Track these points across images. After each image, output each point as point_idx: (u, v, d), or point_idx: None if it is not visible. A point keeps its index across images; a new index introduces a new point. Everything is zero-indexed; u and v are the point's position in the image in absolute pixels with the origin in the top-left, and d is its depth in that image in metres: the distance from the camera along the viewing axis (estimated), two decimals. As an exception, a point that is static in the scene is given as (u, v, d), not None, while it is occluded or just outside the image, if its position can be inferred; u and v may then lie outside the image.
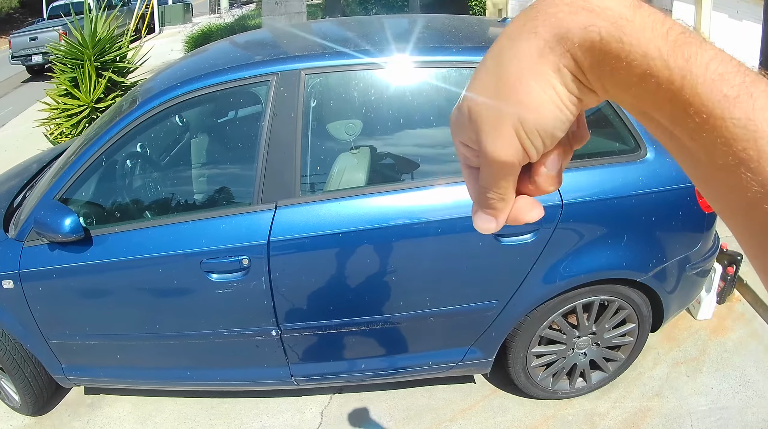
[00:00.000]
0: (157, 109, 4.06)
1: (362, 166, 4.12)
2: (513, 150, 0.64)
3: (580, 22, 0.58)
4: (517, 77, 0.61)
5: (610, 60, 0.58)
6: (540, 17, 0.61)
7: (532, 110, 0.61)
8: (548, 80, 0.61)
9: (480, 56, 3.10)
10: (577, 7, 0.59)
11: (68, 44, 9.49)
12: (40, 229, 3.97)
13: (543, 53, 0.60)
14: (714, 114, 0.55)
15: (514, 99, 0.62)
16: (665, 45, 0.57)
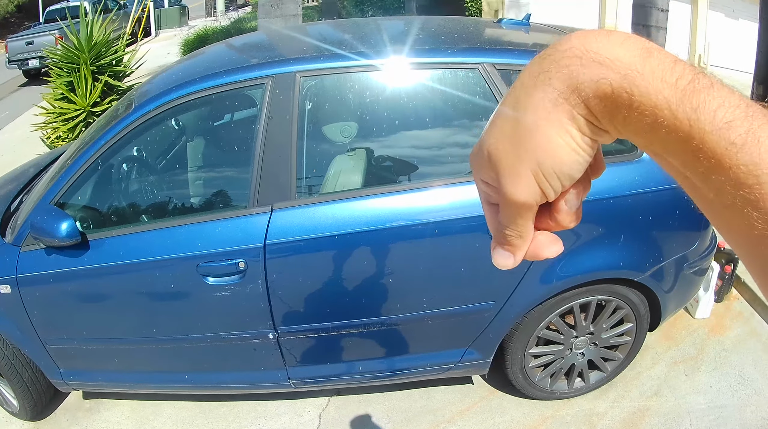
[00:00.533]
0: (153, 112, 4.06)
1: (358, 168, 4.12)
2: (531, 191, 0.67)
3: (591, 75, 0.61)
4: (534, 124, 0.64)
5: (621, 109, 0.60)
6: (553, 69, 0.63)
7: (550, 155, 0.65)
8: (563, 126, 0.63)
9: (475, 57, 3.13)
10: (588, 60, 0.61)
11: (64, 48, 9.49)
12: (36, 234, 3.97)
13: (557, 102, 0.62)
14: (722, 161, 0.57)
15: (531, 144, 0.65)
16: (674, 95, 0.58)
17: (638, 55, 0.60)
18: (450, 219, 3.87)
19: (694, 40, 20.24)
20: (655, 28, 8.90)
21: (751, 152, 0.56)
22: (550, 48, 0.66)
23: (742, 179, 0.57)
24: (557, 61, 0.63)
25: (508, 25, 4.82)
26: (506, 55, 4.01)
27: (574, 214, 0.74)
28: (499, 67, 3.91)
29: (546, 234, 0.75)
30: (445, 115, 4.19)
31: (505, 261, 0.76)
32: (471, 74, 3.96)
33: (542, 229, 0.75)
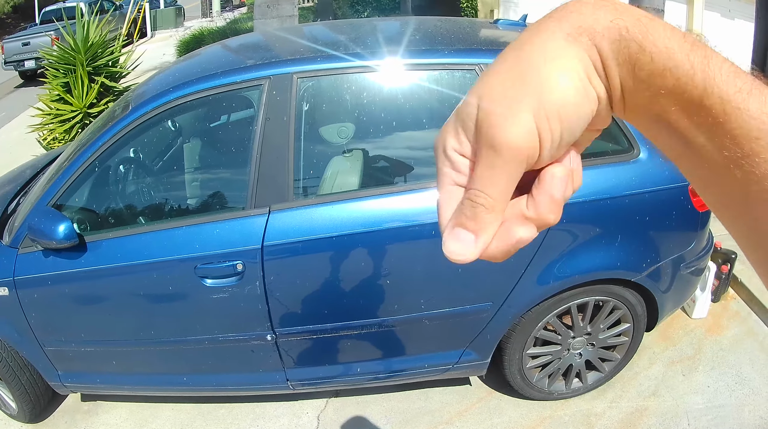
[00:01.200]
0: (149, 113, 4.05)
1: (355, 169, 4.12)
2: (527, 133, 0.59)
3: (605, 16, 0.59)
4: (539, 61, 0.59)
5: (633, 52, 0.58)
6: (563, 12, 0.61)
7: (556, 92, 0.59)
8: (573, 67, 0.59)
9: (472, 58, 3.12)
10: (600, 4, 0.59)
11: (61, 49, 9.48)
12: (34, 236, 3.97)
13: (568, 41, 0.59)
14: (730, 104, 0.57)
15: (535, 81, 0.59)
16: (685, 43, 0.58)
17: (644, 13, 0.59)
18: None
19: (690, 40, 20.20)
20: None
21: (757, 101, 0.56)
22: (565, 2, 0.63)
23: (748, 127, 0.57)
24: (567, 7, 0.61)
25: (504, 26, 4.81)
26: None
27: (559, 203, 0.64)
28: (496, 68, 3.91)
29: (514, 216, 0.65)
30: (442, 116, 4.17)
31: (464, 247, 0.64)
32: (468, 75, 3.96)
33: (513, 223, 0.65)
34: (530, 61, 0.60)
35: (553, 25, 0.60)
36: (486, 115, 0.60)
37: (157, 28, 29.74)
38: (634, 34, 0.58)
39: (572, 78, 0.59)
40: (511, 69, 0.61)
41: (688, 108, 0.59)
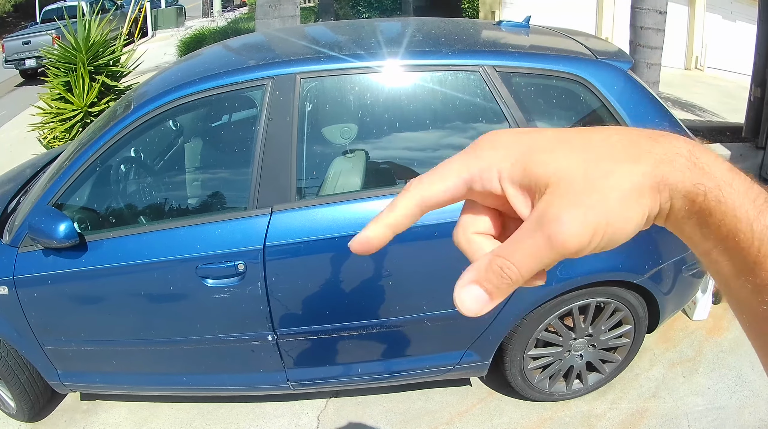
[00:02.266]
0: (151, 113, 4.04)
1: (358, 169, 4.12)
2: (585, 243, 0.60)
3: (692, 178, 0.60)
4: (624, 186, 0.60)
5: (704, 214, 0.61)
6: (659, 153, 0.61)
7: (621, 220, 0.60)
8: (645, 209, 0.61)
9: (476, 59, 3.11)
10: (692, 163, 0.60)
11: (62, 48, 9.45)
12: (34, 235, 3.96)
13: (652, 189, 0.60)
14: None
15: (612, 200, 0.60)
16: (752, 210, 0.59)
17: (728, 170, 0.61)
18: (449, 221, 3.83)
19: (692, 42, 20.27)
20: (653, 30, 8.88)
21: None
22: (659, 133, 0.64)
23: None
24: (665, 147, 0.61)
25: (508, 28, 4.80)
26: (507, 58, 4.01)
27: (544, 273, 0.66)
28: (500, 69, 3.91)
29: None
30: (445, 117, 4.18)
31: (477, 305, 0.65)
32: (472, 76, 3.96)
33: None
34: (616, 181, 0.60)
35: (644, 162, 0.61)
36: (553, 209, 0.60)
37: (158, 28, 29.76)
38: (709, 200, 0.60)
39: (638, 217, 0.61)
40: (589, 175, 0.61)
41: (740, 265, 0.62)
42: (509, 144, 0.65)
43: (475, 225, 0.69)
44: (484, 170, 0.65)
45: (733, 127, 9.67)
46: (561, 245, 0.59)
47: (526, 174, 0.62)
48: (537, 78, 4.02)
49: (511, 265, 0.61)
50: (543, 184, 0.61)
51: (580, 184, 0.60)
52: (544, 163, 0.62)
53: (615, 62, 4.13)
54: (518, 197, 0.64)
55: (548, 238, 0.59)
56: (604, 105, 3.97)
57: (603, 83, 3.98)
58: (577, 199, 0.59)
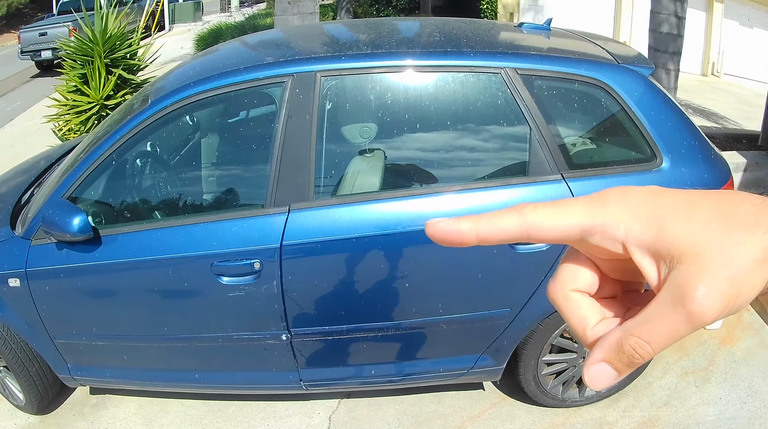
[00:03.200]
0: (169, 108, 4.03)
1: (376, 170, 4.10)
2: (720, 314, 0.57)
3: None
4: (756, 259, 0.57)
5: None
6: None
7: (750, 289, 0.57)
8: (766, 276, 0.57)
9: (498, 61, 3.09)
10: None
11: (78, 40, 9.47)
12: (48, 228, 3.94)
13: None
14: None
15: (746, 272, 0.57)
16: None
17: None
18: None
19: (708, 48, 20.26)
20: (672, 36, 8.87)
21: None
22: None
23: None
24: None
25: (528, 30, 4.78)
26: (529, 60, 3.98)
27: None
28: (522, 71, 3.89)
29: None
30: (466, 119, 4.15)
31: (606, 381, 0.63)
32: (493, 78, 3.93)
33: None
34: (746, 256, 0.57)
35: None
36: (693, 283, 0.57)
37: (175, 22, 29.87)
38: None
39: (763, 285, 0.58)
40: (725, 245, 0.58)
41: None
42: (640, 203, 0.63)
43: (574, 281, 0.66)
44: (608, 225, 0.62)
45: (750, 134, 9.63)
46: (699, 320, 0.57)
47: (659, 239, 0.60)
48: (558, 81, 3.99)
49: (645, 344, 0.59)
50: (678, 252, 0.59)
51: (718, 256, 0.57)
52: (680, 229, 0.59)
53: (636, 67, 4.10)
54: (647, 262, 0.61)
55: (688, 315, 0.57)
56: (624, 110, 3.94)
57: (624, 88, 3.95)
58: (716, 271, 0.57)
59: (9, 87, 20.36)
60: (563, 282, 0.66)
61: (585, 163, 4.00)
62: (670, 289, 0.58)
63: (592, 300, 0.66)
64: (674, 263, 0.58)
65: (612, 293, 0.68)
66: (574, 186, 3.82)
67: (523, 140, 3.93)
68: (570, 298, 0.65)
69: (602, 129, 4.15)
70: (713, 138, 4.35)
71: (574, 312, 0.65)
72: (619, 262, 0.63)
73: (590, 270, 0.66)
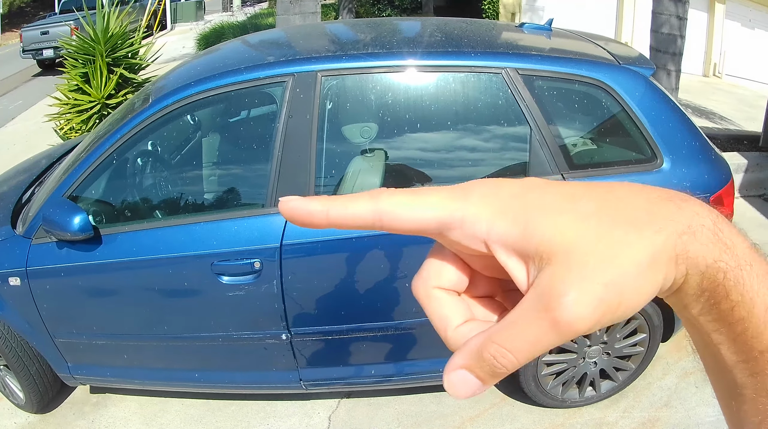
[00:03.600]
0: (170, 107, 4.03)
1: (377, 169, 4.10)
2: (593, 323, 0.51)
3: (714, 254, 0.53)
4: (641, 262, 0.51)
5: (719, 295, 0.54)
6: (682, 221, 0.53)
7: (634, 295, 0.52)
8: (658, 283, 0.52)
9: (499, 61, 3.08)
10: (716, 236, 0.53)
11: (80, 39, 9.47)
12: (48, 227, 3.95)
13: (670, 261, 0.52)
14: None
15: (623, 267, 0.51)
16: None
17: (749, 248, 0.55)
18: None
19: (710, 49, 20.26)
20: (674, 37, 8.87)
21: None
22: (681, 196, 0.56)
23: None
24: (690, 215, 0.53)
25: (530, 30, 4.78)
26: (530, 61, 3.98)
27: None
28: (523, 72, 3.89)
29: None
30: (466, 119, 4.16)
31: (468, 389, 0.57)
32: (494, 78, 3.93)
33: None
34: (629, 258, 0.51)
35: (665, 231, 0.52)
36: (559, 286, 0.51)
37: (177, 21, 29.87)
38: (728, 280, 0.53)
39: (652, 292, 0.53)
40: (603, 245, 0.52)
41: (742, 351, 0.57)
42: (507, 198, 0.57)
43: (438, 278, 0.61)
44: (468, 220, 0.56)
45: (751, 135, 9.64)
46: (568, 329, 0.51)
47: (526, 237, 0.54)
48: (559, 82, 4.00)
49: (507, 352, 0.54)
50: (546, 252, 0.53)
51: (593, 256, 0.52)
52: (549, 226, 0.54)
53: (637, 68, 4.11)
54: (513, 262, 0.55)
55: (554, 322, 0.51)
56: (624, 111, 3.94)
57: (625, 89, 3.95)
58: (590, 274, 0.51)
59: (11, 86, 20.36)
60: (426, 278, 0.61)
61: (585, 163, 4.00)
62: (534, 292, 0.53)
63: (458, 299, 0.61)
64: (543, 264, 0.53)
65: (488, 292, 0.63)
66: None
67: (524, 140, 3.94)
68: (432, 296, 0.60)
69: (603, 129, 4.15)
70: (714, 139, 4.35)
71: (435, 310, 0.60)
72: (491, 259, 0.57)
73: (455, 267, 0.61)
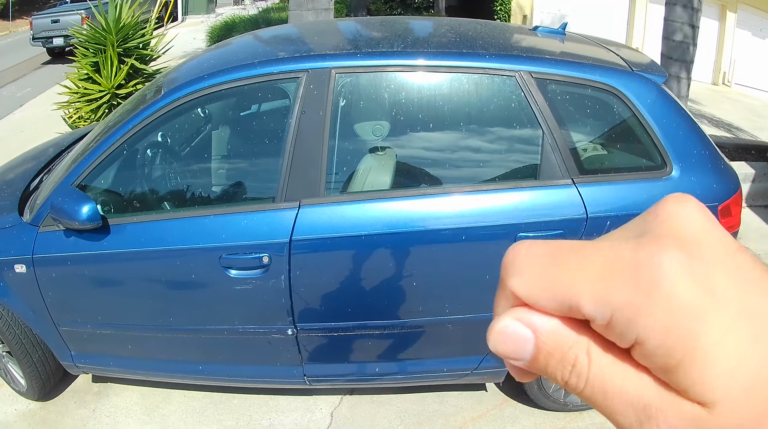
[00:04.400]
0: (183, 99, 4.04)
1: (388, 168, 4.10)
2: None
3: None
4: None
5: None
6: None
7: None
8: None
9: (513, 64, 3.09)
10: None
11: (92, 29, 9.46)
12: (56, 215, 3.95)
13: None
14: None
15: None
16: None
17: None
18: (478, 225, 3.86)
19: (720, 57, 20.23)
20: (685, 44, 8.85)
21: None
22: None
23: None
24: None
25: (543, 33, 4.77)
26: (544, 64, 3.98)
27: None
28: (536, 75, 3.89)
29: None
30: (479, 120, 4.16)
31: (510, 349, 0.49)
32: (508, 81, 3.93)
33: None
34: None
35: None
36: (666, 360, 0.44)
37: (188, 13, 29.83)
38: None
39: None
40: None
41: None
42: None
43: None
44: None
45: (759, 145, 9.64)
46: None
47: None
48: (572, 86, 3.99)
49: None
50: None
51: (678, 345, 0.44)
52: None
53: (649, 75, 4.10)
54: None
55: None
56: (636, 117, 3.93)
57: (637, 95, 3.94)
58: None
59: (20, 73, 20.35)
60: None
61: (596, 168, 4.00)
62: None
63: None
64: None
65: None
66: (584, 191, 3.82)
67: (536, 143, 3.93)
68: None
69: (614, 135, 4.15)
70: (722, 148, 4.35)
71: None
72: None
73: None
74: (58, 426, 4.83)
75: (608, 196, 3.90)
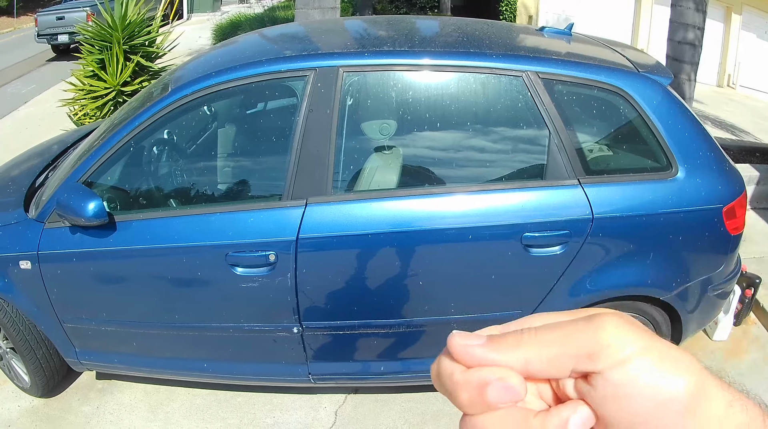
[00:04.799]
0: (190, 97, 4.04)
1: (395, 167, 4.11)
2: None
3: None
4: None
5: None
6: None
7: None
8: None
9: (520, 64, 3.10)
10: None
11: (97, 25, 9.47)
12: (62, 212, 3.95)
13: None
14: None
15: None
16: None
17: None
18: (484, 225, 3.87)
19: (725, 60, 20.21)
20: (691, 46, 8.84)
21: None
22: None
23: None
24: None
25: (550, 34, 4.78)
26: (551, 65, 3.98)
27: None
28: (543, 76, 3.89)
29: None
30: (486, 120, 4.17)
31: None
32: (515, 81, 3.94)
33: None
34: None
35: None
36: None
37: (194, 11, 29.81)
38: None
39: None
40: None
41: None
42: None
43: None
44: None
45: (763, 148, 9.63)
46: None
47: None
48: (578, 87, 4.00)
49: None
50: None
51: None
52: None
53: (655, 76, 4.11)
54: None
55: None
56: (642, 118, 3.94)
57: (643, 97, 3.95)
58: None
59: (25, 69, 20.38)
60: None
61: (601, 169, 4.01)
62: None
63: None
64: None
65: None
66: (590, 191, 3.83)
67: (542, 144, 3.94)
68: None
69: (619, 136, 4.16)
70: (727, 150, 4.36)
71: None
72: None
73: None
74: (62, 423, 4.83)
75: (614, 197, 3.90)
